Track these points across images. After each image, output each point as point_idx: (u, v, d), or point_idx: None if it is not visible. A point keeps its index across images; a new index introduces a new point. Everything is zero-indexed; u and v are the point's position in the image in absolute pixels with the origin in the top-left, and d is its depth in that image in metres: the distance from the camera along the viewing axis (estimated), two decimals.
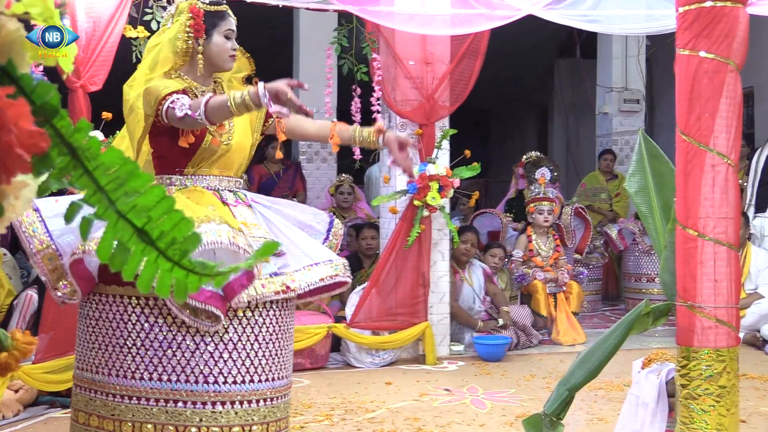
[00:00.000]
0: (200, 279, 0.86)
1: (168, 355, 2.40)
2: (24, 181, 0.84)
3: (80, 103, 4.45)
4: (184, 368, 2.40)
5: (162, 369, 2.41)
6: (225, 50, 2.65)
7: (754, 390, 4.61)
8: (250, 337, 2.46)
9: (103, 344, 2.48)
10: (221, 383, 2.42)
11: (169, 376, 2.40)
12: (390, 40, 5.41)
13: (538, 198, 6.82)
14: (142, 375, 2.42)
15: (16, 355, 1.05)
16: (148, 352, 2.42)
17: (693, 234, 2.17)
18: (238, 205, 2.63)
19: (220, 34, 2.64)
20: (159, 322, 2.42)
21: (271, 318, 2.52)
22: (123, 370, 2.44)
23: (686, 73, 2.17)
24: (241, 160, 2.74)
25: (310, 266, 2.56)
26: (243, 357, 2.44)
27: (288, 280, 2.50)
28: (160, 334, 2.41)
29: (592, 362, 2.41)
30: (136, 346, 2.43)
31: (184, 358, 2.40)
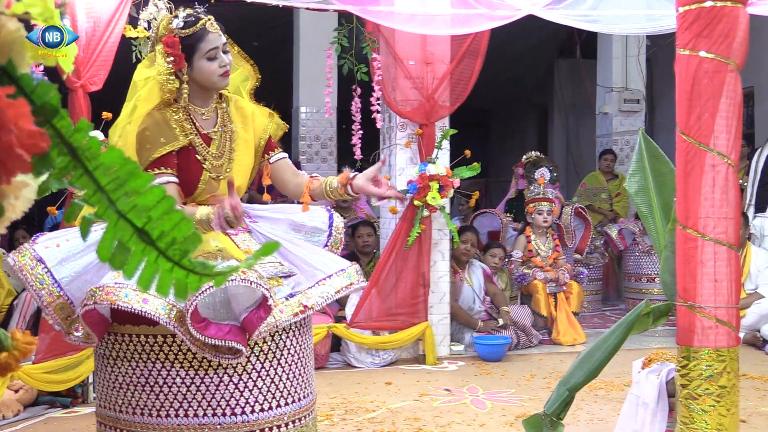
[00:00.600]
0: (200, 279, 0.86)
1: (192, 390, 2.35)
2: (24, 181, 0.83)
3: (80, 103, 4.44)
4: (209, 402, 2.36)
5: (188, 405, 2.36)
6: (210, 73, 2.48)
7: (754, 390, 4.61)
8: (273, 362, 2.42)
9: (124, 383, 2.42)
10: (249, 413, 2.37)
11: (195, 411, 2.36)
12: (390, 40, 5.41)
13: (538, 198, 6.82)
14: (168, 412, 2.36)
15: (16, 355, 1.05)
16: (172, 389, 2.36)
17: (693, 234, 2.17)
18: (239, 233, 2.55)
19: (201, 59, 2.47)
20: (179, 359, 2.36)
21: (291, 340, 2.47)
22: (147, 409, 2.38)
23: (686, 73, 2.17)
24: (242, 188, 2.65)
25: (324, 280, 2.49)
26: (268, 384, 2.41)
27: (303, 299, 2.43)
28: (182, 371, 2.36)
29: (592, 362, 2.41)
30: (158, 384, 2.37)
31: (209, 393, 2.35)
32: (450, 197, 5.67)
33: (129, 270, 0.86)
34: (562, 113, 11.73)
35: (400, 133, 5.56)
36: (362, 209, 7.47)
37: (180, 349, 2.35)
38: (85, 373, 4.38)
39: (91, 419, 4.11)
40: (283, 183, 2.70)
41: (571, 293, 6.61)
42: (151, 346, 2.38)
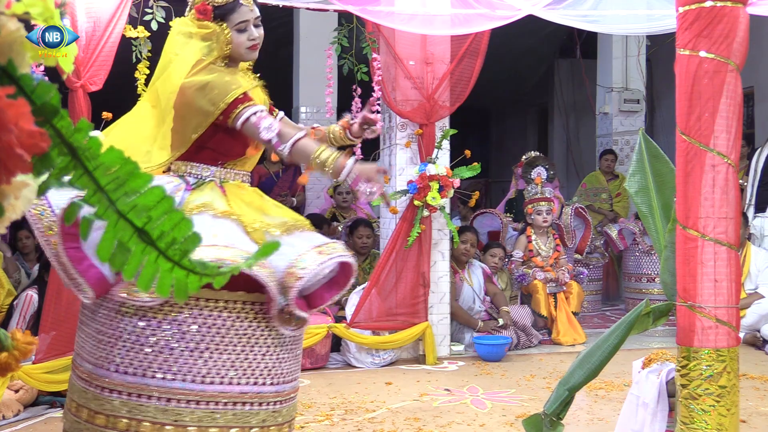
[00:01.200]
0: (200, 279, 0.86)
1: (241, 358, 2.35)
2: (24, 181, 0.84)
3: (80, 103, 4.44)
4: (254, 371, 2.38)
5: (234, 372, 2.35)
6: (239, 44, 2.57)
7: (754, 390, 4.61)
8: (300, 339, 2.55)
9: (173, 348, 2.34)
10: (282, 383, 2.44)
11: (239, 379, 2.34)
12: (390, 40, 5.42)
13: (536, 198, 6.82)
14: (213, 379, 2.32)
15: (16, 355, 1.05)
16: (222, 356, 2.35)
17: (693, 234, 2.17)
18: None
19: (231, 29, 2.56)
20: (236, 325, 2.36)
21: None
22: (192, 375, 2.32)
23: (686, 73, 2.17)
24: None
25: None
26: (296, 355, 2.52)
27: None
28: (235, 338, 2.35)
29: (592, 362, 2.41)
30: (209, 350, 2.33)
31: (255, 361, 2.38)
32: (450, 197, 5.67)
33: (129, 270, 0.87)
34: (562, 113, 11.73)
35: (400, 133, 5.56)
36: (362, 209, 7.47)
37: (238, 316, 2.35)
38: None
39: None
40: None
41: (571, 293, 6.61)
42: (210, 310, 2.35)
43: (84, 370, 2.40)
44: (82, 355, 2.43)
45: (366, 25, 5.41)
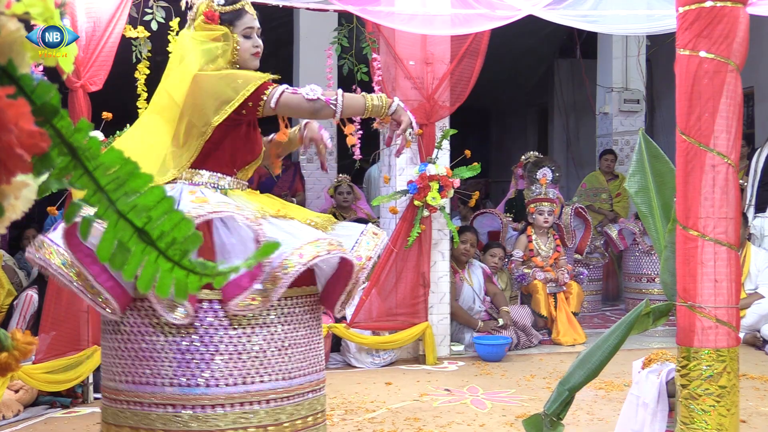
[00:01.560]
0: (200, 279, 0.86)
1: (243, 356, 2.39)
2: (24, 181, 0.84)
3: (80, 103, 4.44)
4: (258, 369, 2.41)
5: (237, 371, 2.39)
6: (245, 49, 2.63)
7: (754, 390, 4.61)
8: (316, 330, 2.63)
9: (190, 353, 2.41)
10: (295, 377, 2.51)
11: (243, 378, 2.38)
12: (390, 40, 5.42)
13: (539, 198, 6.82)
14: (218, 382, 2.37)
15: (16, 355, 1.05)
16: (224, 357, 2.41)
17: (693, 234, 2.17)
18: None
19: (238, 34, 2.62)
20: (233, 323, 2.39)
21: None
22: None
23: (686, 73, 2.17)
24: None
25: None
26: (306, 350, 2.58)
27: None
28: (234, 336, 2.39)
29: (592, 362, 2.41)
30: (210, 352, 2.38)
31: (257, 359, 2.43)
32: (450, 197, 5.67)
33: (129, 270, 0.87)
34: (562, 113, 11.73)
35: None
36: (362, 209, 7.47)
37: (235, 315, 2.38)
38: (85, 373, 4.38)
39: (91, 419, 4.11)
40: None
41: (571, 293, 6.61)
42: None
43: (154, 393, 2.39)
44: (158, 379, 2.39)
45: (366, 25, 5.41)
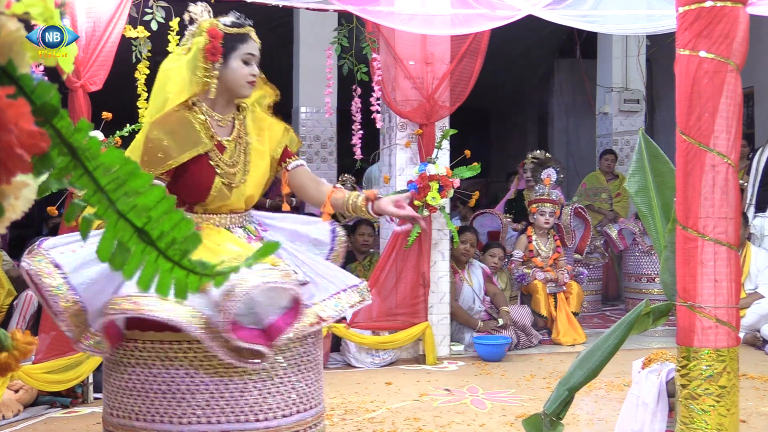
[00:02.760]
0: (200, 279, 0.86)
1: (216, 397, 2.34)
2: (24, 181, 0.84)
3: (80, 103, 4.44)
4: (233, 408, 2.34)
5: (210, 411, 2.34)
6: (242, 76, 2.51)
7: (754, 390, 4.61)
8: (293, 369, 2.44)
9: (143, 391, 2.37)
10: (271, 419, 2.38)
11: (218, 417, 2.34)
12: (390, 40, 5.42)
13: (541, 199, 6.81)
14: (190, 419, 2.33)
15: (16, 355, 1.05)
16: (195, 396, 2.33)
17: (693, 234, 2.17)
18: (251, 242, 2.55)
19: (238, 59, 2.50)
20: (204, 365, 2.33)
21: (307, 348, 2.49)
22: (168, 416, 2.35)
23: (686, 73, 2.17)
24: (254, 201, 2.65)
25: (338, 294, 2.50)
26: (289, 389, 2.42)
27: (319, 310, 2.43)
28: (206, 377, 2.34)
29: (592, 362, 2.41)
30: (181, 391, 2.34)
31: (233, 399, 2.34)
32: (450, 197, 5.67)
33: (129, 270, 0.86)
34: (562, 113, 11.73)
35: (400, 133, 5.56)
36: None
37: (205, 355, 2.32)
38: (85, 373, 4.38)
39: (91, 419, 4.11)
40: (303, 189, 2.70)
41: (571, 293, 6.61)
42: (175, 352, 2.35)
43: None
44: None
45: (366, 25, 5.40)
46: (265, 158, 2.63)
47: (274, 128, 2.67)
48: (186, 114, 2.50)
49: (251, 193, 2.60)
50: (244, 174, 2.57)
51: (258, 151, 2.61)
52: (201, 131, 2.50)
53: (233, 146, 2.56)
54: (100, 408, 4.29)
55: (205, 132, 2.50)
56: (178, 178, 2.48)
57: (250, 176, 2.58)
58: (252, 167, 2.59)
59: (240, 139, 2.58)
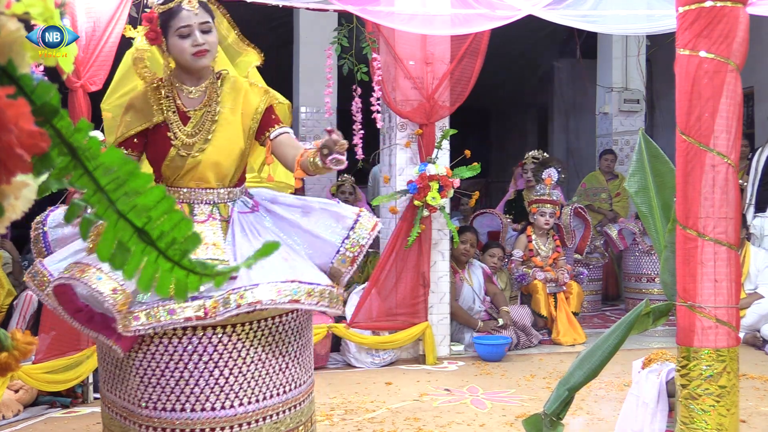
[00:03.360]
0: (200, 279, 0.86)
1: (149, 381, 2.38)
2: (24, 181, 0.84)
3: (80, 103, 4.45)
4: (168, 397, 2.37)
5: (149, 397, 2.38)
6: (182, 50, 2.49)
7: (754, 390, 4.61)
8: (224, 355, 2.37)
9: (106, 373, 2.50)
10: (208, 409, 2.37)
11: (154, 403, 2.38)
12: (390, 40, 5.42)
13: (542, 199, 6.81)
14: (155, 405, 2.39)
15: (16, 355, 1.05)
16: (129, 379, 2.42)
17: (693, 234, 2.17)
18: (207, 221, 2.50)
19: (174, 35, 2.49)
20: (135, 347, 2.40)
21: (247, 336, 2.39)
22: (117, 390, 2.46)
23: (686, 73, 2.16)
24: (224, 171, 2.56)
25: (275, 283, 2.30)
26: (235, 375, 2.38)
27: (209, 302, 2.29)
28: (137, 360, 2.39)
29: (592, 362, 2.41)
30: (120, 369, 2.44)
31: (168, 387, 2.37)
32: (450, 197, 5.67)
33: (129, 270, 0.86)
34: (562, 113, 11.73)
35: (400, 133, 5.55)
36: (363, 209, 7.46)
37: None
38: (85, 373, 4.38)
39: (91, 419, 4.11)
40: (284, 159, 2.62)
41: (571, 293, 6.61)
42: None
43: None
44: None
45: (366, 25, 5.40)
46: (235, 127, 2.58)
47: (250, 96, 2.62)
48: (147, 91, 2.59)
49: (216, 161, 2.53)
50: (204, 143, 2.52)
51: (227, 120, 2.57)
52: (154, 105, 2.55)
53: (199, 116, 2.55)
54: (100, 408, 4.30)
55: (157, 106, 2.55)
56: (147, 152, 2.58)
57: (212, 145, 2.53)
58: (215, 136, 2.54)
59: (209, 108, 2.56)
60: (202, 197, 2.54)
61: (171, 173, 2.53)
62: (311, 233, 2.57)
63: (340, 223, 2.60)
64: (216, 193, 2.55)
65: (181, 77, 2.58)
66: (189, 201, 2.53)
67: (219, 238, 2.48)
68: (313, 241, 2.56)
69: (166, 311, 2.27)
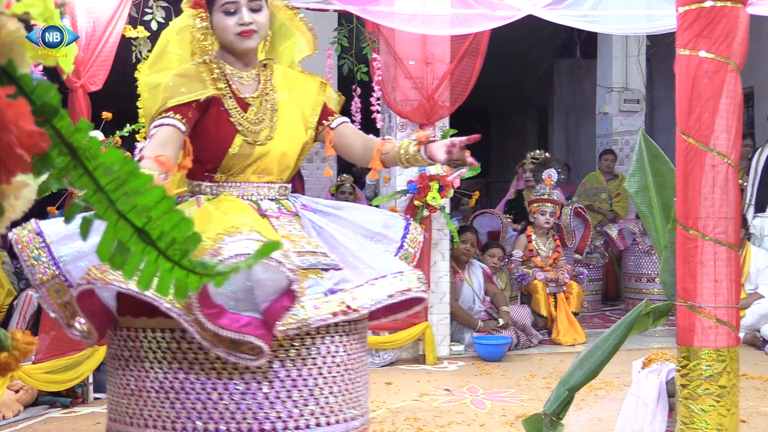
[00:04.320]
0: (200, 279, 0.86)
1: (213, 398, 1.98)
2: (24, 181, 0.84)
3: (80, 103, 4.45)
4: (233, 414, 1.98)
5: (207, 416, 1.99)
6: (226, 28, 2.23)
7: (754, 390, 4.61)
8: (312, 371, 2.05)
9: (136, 390, 2.05)
10: (280, 429, 2.01)
11: (216, 424, 1.98)
12: (390, 40, 5.42)
13: (542, 199, 6.80)
14: (185, 425, 2.00)
15: (16, 355, 1.05)
16: (189, 397, 1.99)
17: (693, 234, 2.17)
18: (280, 216, 2.23)
19: (218, 11, 2.23)
20: (200, 360, 2.00)
21: (334, 345, 2.11)
22: (161, 420, 2.02)
23: (686, 73, 2.16)
24: (288, 163, 2.32)
25: (375, 280, 2.11)
26: (306, 396, 2.04)
27: (348, 298, 2.04)
28: (201, 374, 1.99)
29: (592, 362, 2.41)
30: (174, 390, 2.00)
31: (233, 402, 1.98)
32: (450, 197, 5.67)
33: (129, 270, 0.86)
34: (562, 113, 11.73)
35: (400, 133, 5.56)
36: None
37: (200, 347, 1.97)
38: (85, 373, 4.38)
39: (91, 419, 4.11)
40: (350, 148, 2.42)
41: (571, 293, 6.61)
42: (167, 343, 2.02)
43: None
44: None
45: (366, 25, 5.41)
46: (296, 118, 2.35)
47: (306, 85, 2.41)
48: (193, 67, 2.28)
49: (283, 151, 2.29)
50: (271, 131, 2.28)
51: (287, 110, 2.33)
52: (207, 80, 2.25)
53: (258, 103, 2.30)
54: (100, 408, 4.30)
55: (213, 81, 2.25)
56: (198, 139, 2.24)
57: (278, 134, 2.29)
58: (280, 124, 2.30)
59: (266, 96, 2.32)
60: (265, 192, 2.29)
61: (235, 163, 2.24)
62: (372, 231, 2.39)
63: (393, 219, 2.46)
64: (276, 188, 2.31)
65: (228, 60, 2.31)
66: (252, 197, 2.26)
67: (304, 233, 2.22)
68: (372, 236, 2.38)
69: (311, 306, 1.98)
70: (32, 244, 2.06)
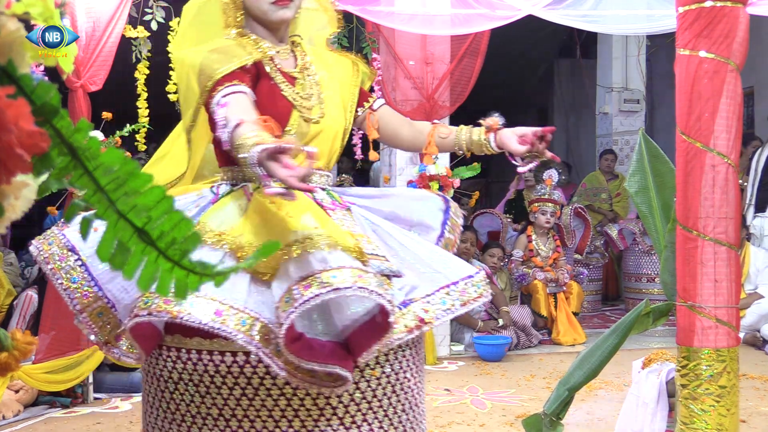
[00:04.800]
0: (200, 279, 0.86)
1: (282, 426, 1.79)
2: (24, 181, 0.83)
3: (80, 103, 4.45)
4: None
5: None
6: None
7: (754, 390, 4.61)
8: (386, 390, 1.88)
9: (188, 414, 1.83)
10: None
11: None
12: (390, 40, 5.42)
13: (543, 198, 6.81)
14: None
15: (16, 355, 1.05)
16: (255, 425, 1.79)
17: (693, 234, 2.17)
18: (336, 209, 1.98)
19: None
20: (266, 384, 1.79)
21: (408, 359, 1.94)
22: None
23: (686, 73, 2.16)
24: (334, 148, 2.08)
25: (447, 287, 1.90)
26: (381, 416, 1.86)
27: (419, 309, 1.83)
28: (269, 400, 1.78)
29: (592, 362, 2.41)
30: (236, 417, 1.79)
31: (304, 428, 1.79)
32: (450, 197, 5.66)
33: (129, 270, 0.86)
34: (562, 113, 11.73)
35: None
36: None
37: (267, 371, 1.77)
38: (85, 373, 4.38)
39: (91, 419, 4.12)
40: (395, 132, 2.22)
41: (571, 293, 6.61)
42: (228, 366, 1.80)
43: None
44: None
45: (366, 25, 5.41)
46: (337, 98, 2.11)
47: (341, 64, 2.18)
48: (234, 38, 2.04)
49: (336, 131, 2.06)
50: (321, 108, 2.04)
51: (329, 88, 2.10)
52: (248, 46, 2.00)
53: (304, 77, 2.06)
54: (100, 408, 4.30)
55: (254, 47, 2.01)
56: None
57: (327, 113, 2.05)
58: (327, 103, 2.06)
59: (307, 70, 2.08)
60: (316, 180, 2.02)
61: None
62: (412, 220, 2.16)
63: (431, 203, 2.21)
64: (324, 177, 2.06)
65: (260, 34, 2.06)
66: None
67: (361, 230, 1.97)
68: (412, 225, 2.15)
69: None
70: (66, 264, 1.85)
